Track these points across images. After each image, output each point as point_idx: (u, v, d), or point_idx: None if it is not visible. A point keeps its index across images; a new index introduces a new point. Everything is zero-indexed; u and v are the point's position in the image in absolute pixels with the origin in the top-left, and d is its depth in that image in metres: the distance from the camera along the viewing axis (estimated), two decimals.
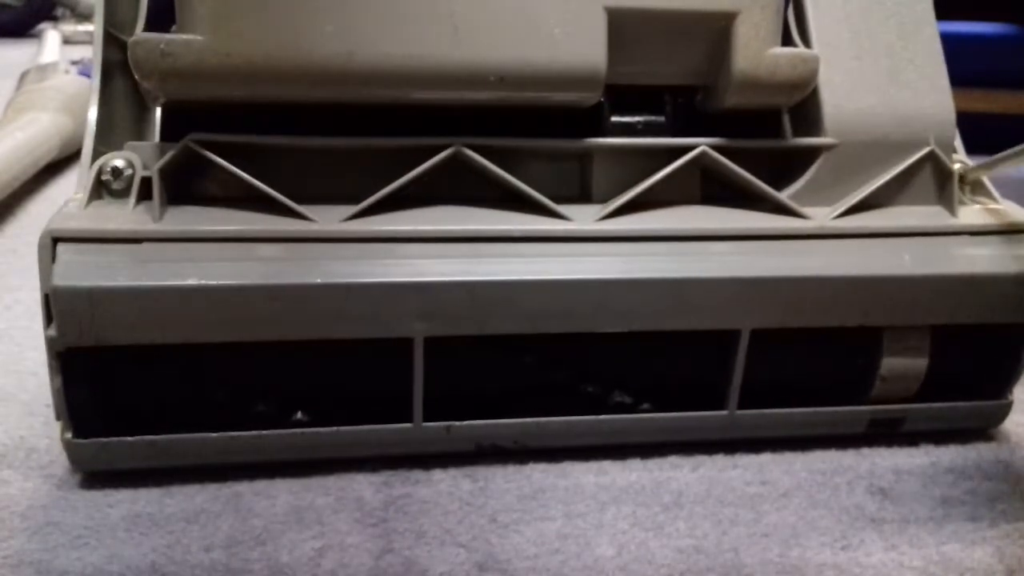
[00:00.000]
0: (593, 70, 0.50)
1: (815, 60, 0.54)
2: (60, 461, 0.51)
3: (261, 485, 0.50)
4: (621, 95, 0.55)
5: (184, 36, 0.47)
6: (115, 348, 0.46)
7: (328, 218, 0.49)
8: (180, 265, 0.47)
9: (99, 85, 0.53)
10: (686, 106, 0.57)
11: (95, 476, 0.50)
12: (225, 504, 0.48)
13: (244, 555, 0.45)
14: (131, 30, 0.52)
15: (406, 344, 0.49)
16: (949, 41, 0.58)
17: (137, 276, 0.46)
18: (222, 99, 0.49)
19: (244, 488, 0.50)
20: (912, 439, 0.57)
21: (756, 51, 0.52)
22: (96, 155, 0.50)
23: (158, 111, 0.55)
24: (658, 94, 0.57)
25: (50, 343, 0.46)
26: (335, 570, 0.44)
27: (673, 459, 0.54)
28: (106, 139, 0.52)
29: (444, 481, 0.51)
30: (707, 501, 0.51)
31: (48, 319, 0.46)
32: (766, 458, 0.55)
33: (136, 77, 0.48)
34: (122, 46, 0.55)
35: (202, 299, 0.46)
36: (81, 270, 0.45)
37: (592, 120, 0.55)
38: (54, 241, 0.46)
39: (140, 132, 0.57)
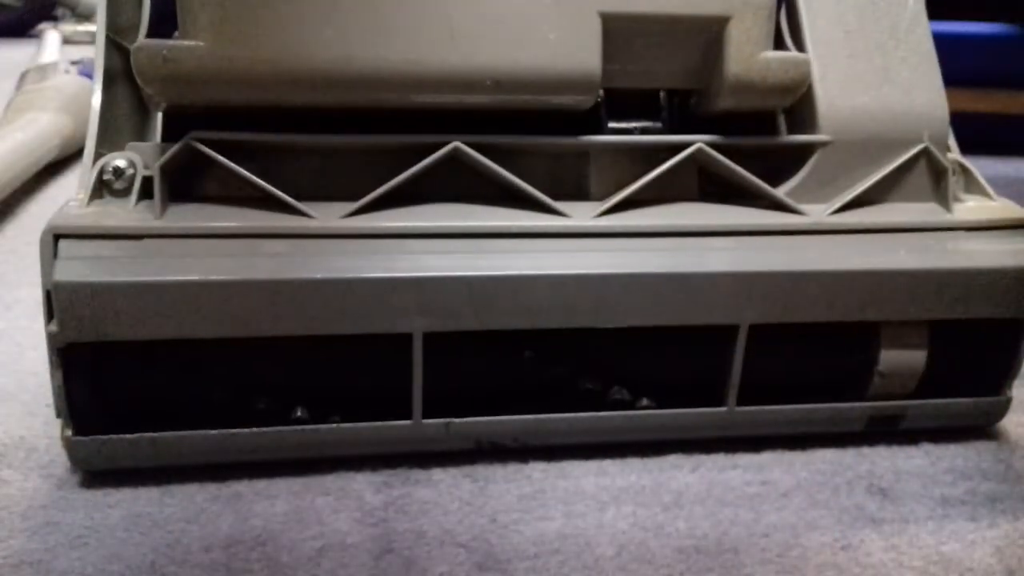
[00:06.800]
0: (587, 74, 0.51)
1: (806, 63, 0.54)
2: (60, 461, 0.51)
3: (261, 485, 0.50)
4: (618, 101, 0.56)
5: (186, 43, 0.47)
6: (116, 344, 0.46)
7: (328, 215, 0.50)
8: (181, 261, 0.47)
9: (101, 90, 0.53)
10: (683, 109, 0.57)
11: (95, 476, 0.50)
12: (225, 504, 0.48)
13: (244, 555, 0.45)
14: (132, 36, 0.53)
15: (406, 341, 0.49)
16: (948, 41, 0.58)
17: (138, 271, 0.46)
18: (223, 103, 0.49)
19: (244, 488, 0.50)
20: (912, 438, 0.57)
21: (748, 55, 0.52)
22: (97, 157, 0.51)
23: (159, 115, 0.56)
24: (655, 100, 0.57)
25: (51, 339, 0.46)
26: (335, 570, 0.44)
27: (673, 459, 0.54)
28: (108, 142, 0.52)
29: (444, 481, 0.51)
30: (707, 501, 0.51)
31: (49, 315, 0.46)
32: (766, 458, 0.55)
33: (139, 82, 0.49)
34: (124, 52, 0.56)
35: (202, 294, 0.46)
36: (82, 265, 0.46)
37: (590, 123, 0.55)
38: (55, 237, 0.46)
39: (142, 136, 0.57)
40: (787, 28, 0.57)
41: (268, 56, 0.47)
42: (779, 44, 0.55)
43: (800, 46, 0.56)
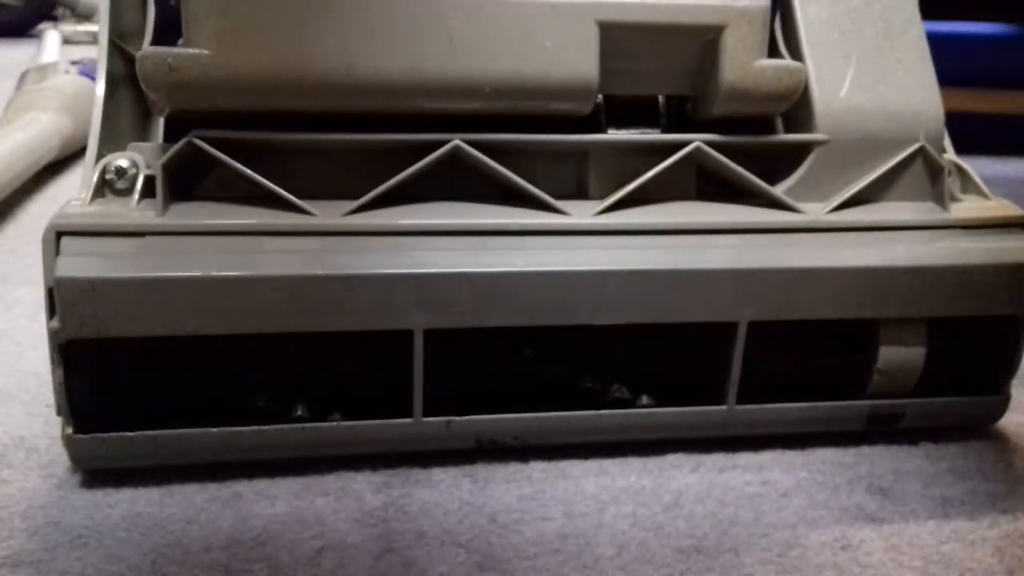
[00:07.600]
0: (585, 81, 0.52)
1: (800, 71, 0.55)
2: (60, 461, 0.51)
3: (261, 485, 0.50)
4: (618, 107, 0.56)
5: (191, 51, 0.48)
6: (117, 341, 0.47)
7: (329, 213, 0.50)
8: (182, 257, 0.47)
9: (104, 95, 0.53)
10: (681, 114, 0.58)
11: (95, 476, 0.50)
12: (225, 504, 0.49)
13: (244, 555, 0.45)
14: (134, 40, 0.53)
15: (406, 338, 0.49)
16: (948, 41, 0.58)
17: (139, 268, 0.46)
18: (226, 110, 0.50)
19: (244, 488, 0.50)
20: (911, 438, 0.57)
21: (743, 63, 0.53)
22: (99, 158, 0.51)
23: (161, 120, 0.56)
24: (654, 107, 0.58)
25: (52, 335, 0.46)
26: (335, 570, 0.44)
27: (673, 459, 0.54)
28: (110, 143, 0.52)
29: (444, 481, 0.51)
30: (707, 501, 0.51)
31: (51, 312, 0.46)
32: (766, 457, 0.55)
33: (143, 89, 0.49)
34: (126, 55, 0.56)
35: (204, 291, 0.46)
36: (84, 262, 0.46)
37: (590, 126, 0.55)
38: (58, 235, 0.46)
39: (143, 137, 0.58)
40: (782, 31, 0.57)
41: (271, 64, 0.48)
42: (774, 53, 0.56)
43: (796, 47, 0.56)
